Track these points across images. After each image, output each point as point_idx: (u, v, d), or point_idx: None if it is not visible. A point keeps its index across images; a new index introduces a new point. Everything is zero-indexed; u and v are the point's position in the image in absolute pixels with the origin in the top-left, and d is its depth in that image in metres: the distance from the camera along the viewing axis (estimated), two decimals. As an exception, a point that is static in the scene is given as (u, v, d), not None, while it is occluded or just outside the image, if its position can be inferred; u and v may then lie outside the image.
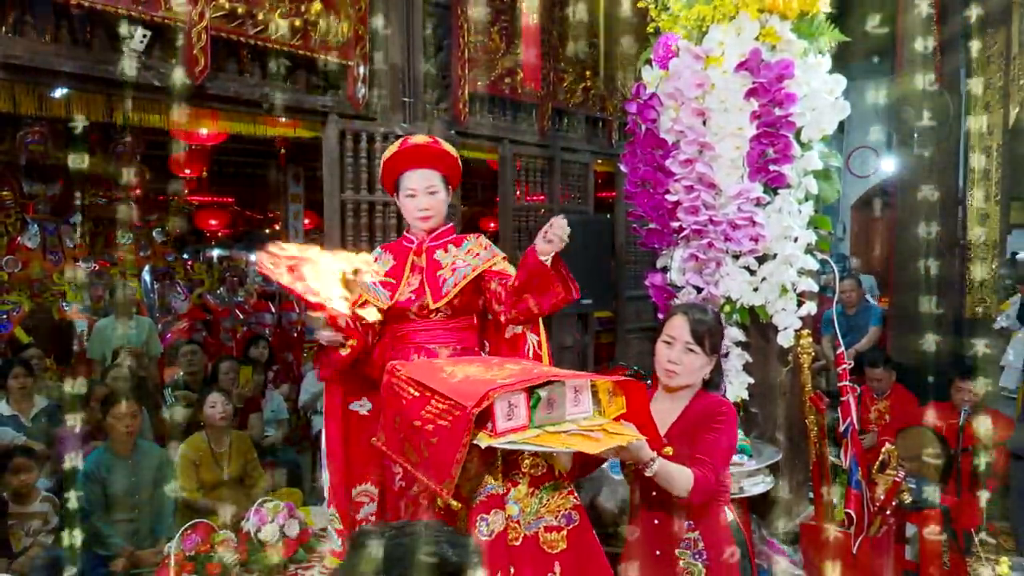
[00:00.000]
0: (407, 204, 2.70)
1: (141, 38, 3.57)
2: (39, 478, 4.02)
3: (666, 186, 3.59)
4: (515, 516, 1.92)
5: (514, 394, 1.82)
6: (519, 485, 1.94)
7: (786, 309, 3.49)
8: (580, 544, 1.98)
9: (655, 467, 2.07)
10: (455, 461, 1.75)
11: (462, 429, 1.75)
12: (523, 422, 1.83)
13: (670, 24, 3.67)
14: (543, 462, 1.97)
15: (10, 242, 7.66)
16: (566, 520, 1.97)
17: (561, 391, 1.91)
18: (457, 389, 1.83)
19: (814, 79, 3.46)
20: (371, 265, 2.43)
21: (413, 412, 1.90)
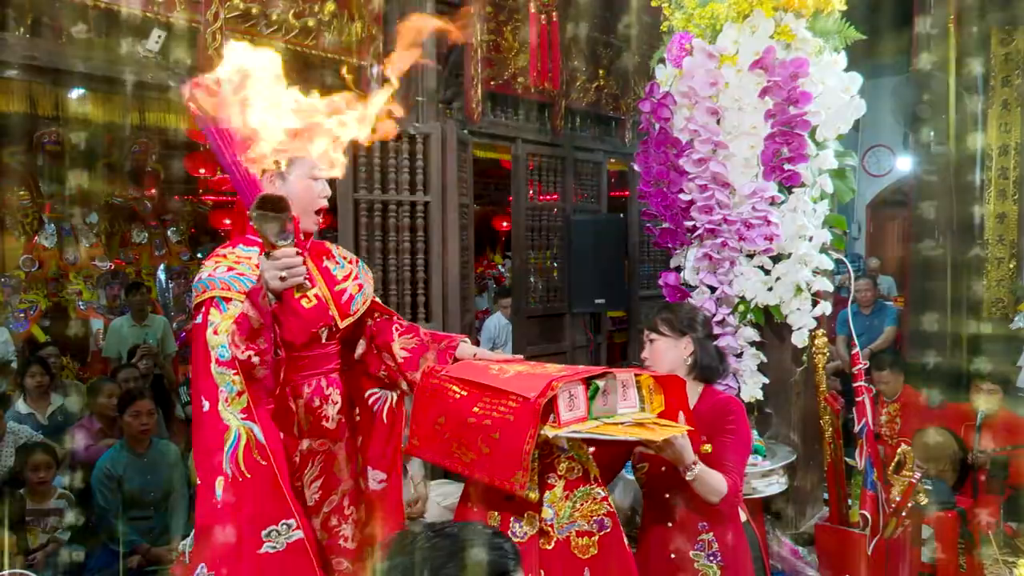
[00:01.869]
0: (309, 187, 2.12)
1: (156, 39, 3.60)
2: (56, 475, 4.06)
3: (680, 185, 3.57)
4: (549, 519, 1.92)
5: (574, 385, 1.85)
6: (554, 488, 1.94)
7: (800, 309, 3.47)
8: (611, 550, 1.98)
9: (696, 471, 2.07)
10: (525, 453, 1.75)
11: (528, 420, 1.76)
12: (583, 413, 1.86)
13: (684, 23, 3.65)
14: (579, 465, 1.97)
15: (28, 242, 7.73)
16: (598, 525, 1.96)
17: (613, 384, 1.94)
18: (515, 383, 1.84)
19: (829, 77, 3.44)
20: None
21: (464, 410, 1.91)
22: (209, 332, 1.92)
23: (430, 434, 2.02)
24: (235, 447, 1.87)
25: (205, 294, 1.96)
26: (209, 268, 2.01)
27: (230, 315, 1.91)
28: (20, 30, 3.33)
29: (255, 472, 1.86)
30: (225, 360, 1.88)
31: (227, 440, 1.87)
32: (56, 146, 7.22)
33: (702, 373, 2.39)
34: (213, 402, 1.89)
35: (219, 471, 1.88)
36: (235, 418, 1.88)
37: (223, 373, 1.89)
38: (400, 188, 4.59)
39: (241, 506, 1.87)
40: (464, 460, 1.93)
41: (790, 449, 3.48)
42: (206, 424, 1.90)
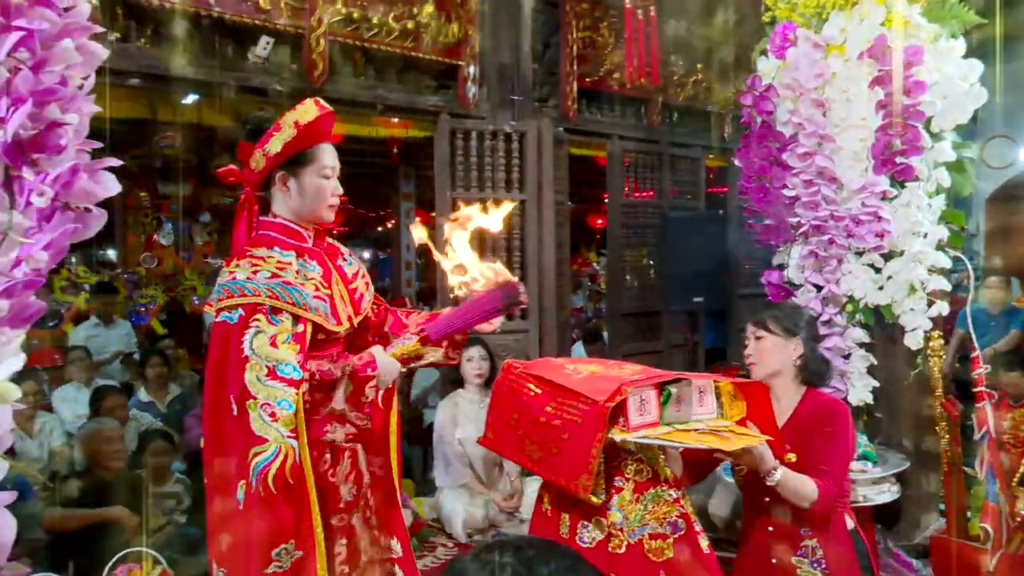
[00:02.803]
0: (320, 185, 2.05)
1: (265, 45, 3.75)
2: (173, 461, 4.28)
3: (783, 180, 3.46)
4: (618, 523, 1.90)
5: (645, 390, 1.83)
6: (623, 491, 1.91)
7: (915, 309, 3.31)
8: (687, 552, 1.94)
9: (778, 476, 2.02)
10: (591, 456, 1.75)
11: (596, 424, 1.75)
12: (654, 418, 1.84)
13: (787, 12, 3.54)
14: (648, 468, 1.94)
15: (147, 240, 8.20)
16: (672, 528, 1.92)
17: (688, 390, 1.91)
18: (586, 385, 1.83)
19: (946, 65, 3.26)
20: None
21: (537, 408, 1.91)
22: (260, 340, 1.87)
23: (505, 429, 2.03)
24: (270, 463, 1.81)
25: (245, 298, 1.90)
26: (246, 271, 1.94)
27: (285, 328, 1.90)
28: (140, 40, 3.53)
29: (282, 491, 1.83)
30: (286, 377, 1.86)
31: (261, 453, 1.82)
32: (172, 149, 7.62)
33: (809, 376, 2.32)
34: (244, 411, 1.85)
35: (243, 477, 1.85)
36: (279, 434, 1.83)
37: (278, 388, 1.85)
38: (496, 186, 4.62)
39: (260, 520, 1.86)
40: (533, 458, 1.94)
41: (902, 456, 3.32)
42: (237, 429, 1.86)
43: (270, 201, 2.09)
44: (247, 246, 2.02)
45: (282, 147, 1.98)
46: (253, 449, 1.82)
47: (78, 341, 5.53)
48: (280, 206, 2.08)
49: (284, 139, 1.98)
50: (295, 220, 2.07)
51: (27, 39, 0.95)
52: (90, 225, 1.12)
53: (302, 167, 2.03)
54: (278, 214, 2.08)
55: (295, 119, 1.99)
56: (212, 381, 1.95)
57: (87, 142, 1.16)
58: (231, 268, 1.97)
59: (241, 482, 1.86)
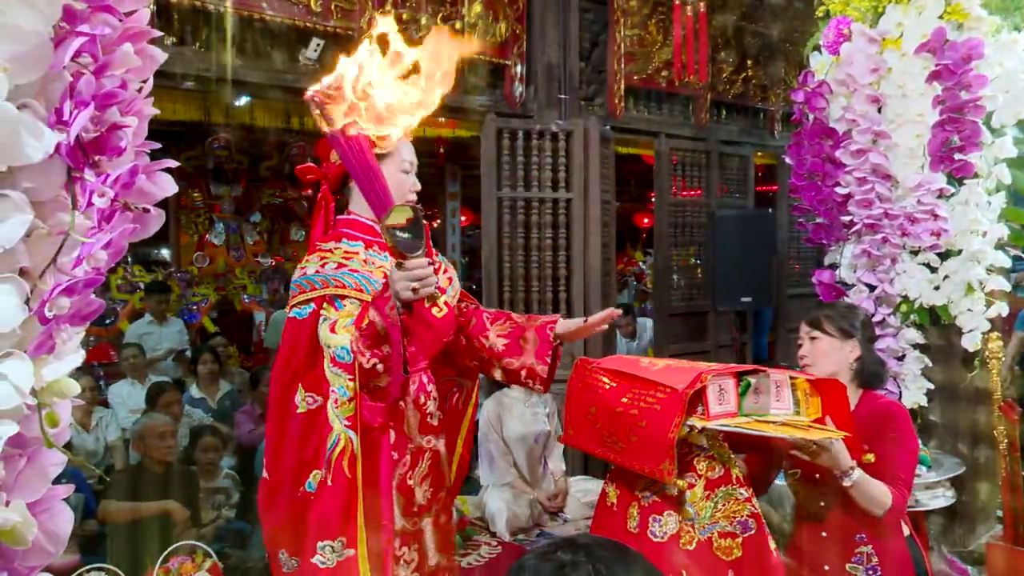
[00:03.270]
0: (399, 179, 2.01)
1: (315, 47, 3.81)
2: (223, 456, 4.37)
3: (836, 178, 3.40)
4: (689, 519, 1.89)
5: (724, 379, 1.83)
6: (694, 487, 1.90)
7: (972, 309, 3.21)
8: (756, 553, 1.91)
9: (855, 476, 1.98)
10: (670, 440, 1.74)
11: (674, 409, 1.74)
12: (733, 408, 1.83)
13: (842, 7, 3.46)
14: (719, 465, 1.92)
15: (199, 239, 8.39)
16: (742, 527, 1.90)
17: (766, 383, 1.89)
18: (664, 375, 1.83)
19: (1008, 58, 3.16)
20: None
21: (614, 400, 1.91)
22: (324, 329, 1.87)
23: (583, 424, 2.03)
24: (332, 450, 1.84)
25: (314, 292, 1.90)
26: (314, 265, 1.94)
27: (347, 313, 1.86)
28: (196, 44, 3.61)
29: (337, 482, 1.84)
30: (343, 362, 1.84)
31: (328, 441, 1.85)
32: (224, 151, 7.79)
33: (866, 379, 2.27)
34: (324, 398, 1.87)
35: (316, 466, 1.87)
36: (339, 422, 1.85)
37: (338, 375, 1.84)
38: (543, 185, 4.62)
39: (317, 511, 1.87)
40: (616, 449, 1.93)
41: (958, 461, 3.23)
42: (310, 419, 1.88)
43: (347, 200, 2.08)
44: (319, 242, 2.02)
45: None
46: (328, 438, 1.86)
47: (133, 338, 5.68)
48: (358, 203, 2.04)
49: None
50: (371, 216, 2.01)
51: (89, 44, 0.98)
52: (148, 225, 1.15)
53: (382, 160, 1.98)
54: (354, 211, 2.06)
55: None
56: (277, 376, 1.95)
57: (146, 144, 1.19)
58: (302, 265, 1.98)
59: (314, 472, 1.88)
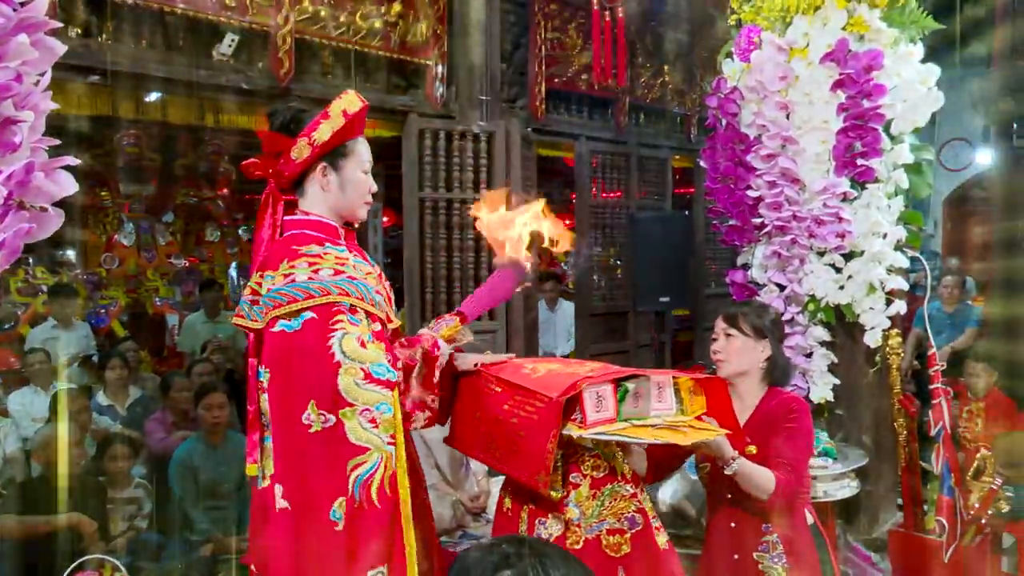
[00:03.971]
0: (359, 179, 1.95)
1: (230, 43, 3.71)
2: (134, 465, 4.21)
3: (747, 182, 3.51)
4: (575, 519, 1.91)
5: (602, 386, 1.82)
6: (580, 487, 1.92)
7: (874, 308, 3.37)
8: (644, 547, 1.95)
9: (735, 466, 2.05)
10: (547, 452, 1.74)
11: (551, 420, 1.74)
12: (611, 415, 1.83)
13: (752, 16, 3.58)
14: (604, 464, 1.95)
15: (108, 240, 8.05)
16: (629, 523, 1.94)
17: (646, 386, 1.91)
18: (542, 383, 1.83)
19: (905, 69, 3.33)
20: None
21: (495, 407, 1.91)
22: (349, 343, 1.74)
23: (469, 428, 2.02)
24: (372, 473, 1.70)
25: (312, 300, 1.76)
26: (304, 271, 1.79)
27: (366, 328, 1.78)
28: (102, 36, 3.47)
29: (384, 504, 1.71)
30: (381, 379, 1.74)
31: (363, 463, 1.70)
32: (135, 148, 7.50)
33: (775, 377, 2.35)
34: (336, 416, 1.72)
35: (341, 492, 1.71)
36: (380, 440, 1.71)
37: (375, 391, 1.72)
38: (464, 186, 4.62)
39: (359, 539, 1.71)
40: (497, 456, 1.93)
41: (862, 452, 3.38)
42: (329, 440, 1.72)
43: (295, 201, 1.96)
44: (294, 245, 1.85)
45: (331, 135, 1.87)
46: (351, 461, 1.70)
47: (36, 344, 5.40)
48: (314, 202, 1.93)
49: (334, 127, 1.87)
50: (331, 218, 1.93)
51: (-20, 34, 0.93)
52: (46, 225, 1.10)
53: (344, 159, 1.91)
54: (310, 211, 1.93)
55: (343, 108, 1.88)
56: (280, 395, 1.79)
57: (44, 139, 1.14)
58: (284, 271, 1.80)
59: (339, 499, 1.71)
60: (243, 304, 1.88)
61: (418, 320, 4.53)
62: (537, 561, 1.10)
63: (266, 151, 1.93)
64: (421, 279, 4.56)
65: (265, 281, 1.83)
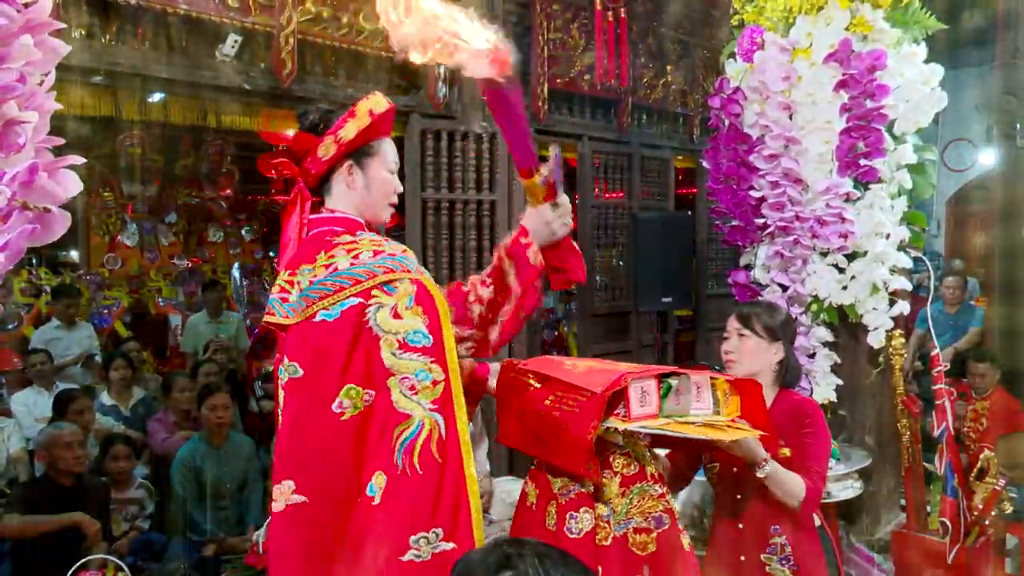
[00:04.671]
0: (385, 179, 1.96)
1: (232, 43, 3.71)
2: (136, 466, 4.22)
3: (750, 182, 3.51)
4: (605, 516, 1.91)
5: (646, 380, 1.83)
6: (610, 485, 1.93)
7: (877, 308, 3.37)
8: (670, 547, 1.96)
9: (768, 468, 2.04)
10: (587, 443, 1.75)
11: (592, 412, 1.75)
12: (654, 410, 1.84)
13: (755, 16, 3.58)
14: (635, 462, 1.96)
15: (111, 240, 8.06)
16: (656, 522, 1.94)
17: (687, 384, 1.91)
18: (584, 378, 1.84)
19: (908, 69, 3.33)
20: None
21: (537, 402, 1.91)
22: (382, 316, 1.74)
23: (514, 425, 2.03)
24: (414, 439, 1.72)
25: (357, 286, 1.76)
26: (346, 259, 1.79)
27: (404, 293, 1.77)
28: (105, 37, 3.47)
29: (427, 469, 1.72)
30: (418, 346, 1.74)
31: (404, 431, 1.72)
32: (137, 148, 7.51)
33: (786, 379, 2.34)
34: (384, 390, 1.73)
35: (381, 466, 1.72)
36: (421, 407, 1.73)
37: (412, 359, 1.74)
38: (467, 187, 4.62)
39: (401, 505, 1.71)
40: (546, 450, 1.94)
41: (865, 453, 3.38)
42: (363, 420, 1.73)
43: (322, 201, 1.94)
44: (327, 237, 1.85)
45: (356, 134, 1.87)
46: (397, 428, 1.72)
47: (39, 344, 5.41)
48: (340, 202, 1.93)
49: (359, 126, 1.87)
50: (354, 216, 1.93)
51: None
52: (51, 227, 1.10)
53: (370, 158, 1.92)
54: (336, 209, 1.93)
55: (369, 108, 1.89)
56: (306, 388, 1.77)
57: (48, 140, 1.14)
58: (324, 262, 1.80)
59: (376, 473, 1.72)
60: (273, 302, 1.85)
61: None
62: (538, 561, 1.10)
63: (295, 150, 1.93)
64: (423, 279, 4.56)
65: (301, 276, 1.81)
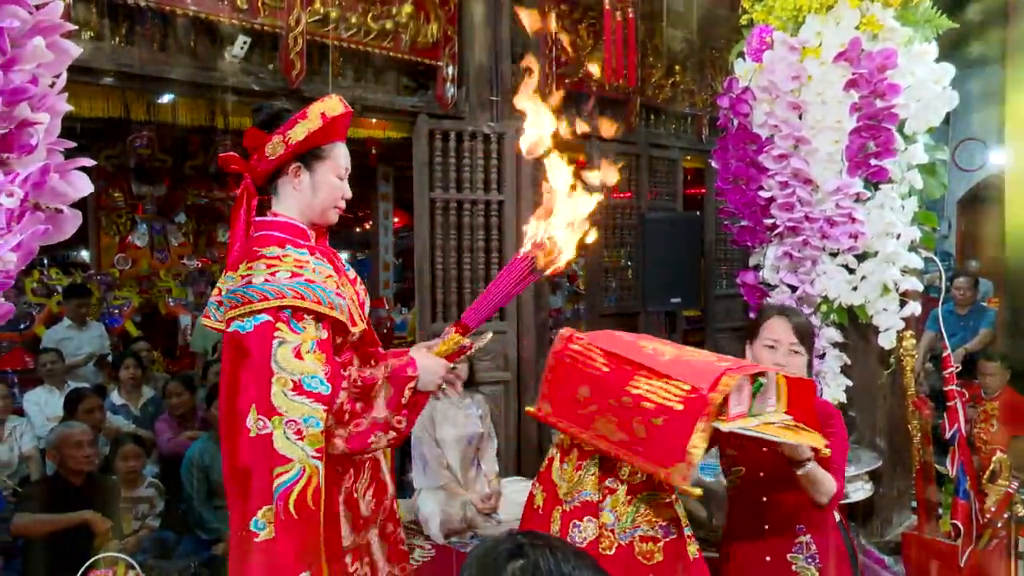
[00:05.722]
0: (332, 183, 1.95)
1: (241, 44, 3.72)
2: (146, 465, 4.23)
3: (759, 182, 3.49)
4: (610, 524, 1.88)
5: (744, 378, 1.78)
6: (616, 492, 1.90)
7: (888, 309, 3.35)
8: (677, 557, 1.93)
9: (809, 467, 2.03)
10: (691, 446, 1.68)
11: (698, 412, 1.69)
12: (744, 409, 1.80)
13: (764, 15, 3.57)
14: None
15: (121, 241, 8.10)
16: (663, 531, 1.91)
17: (767, 382, 1.87)
18: (679, 370, 1.76)
19: (919, 68, 3.30)
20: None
21: (616, 387, 1.82)
22: (284, 352, 1.74)
23: (568, 403, 1.94)
24: (292, 484, 1.71)
25: (266, 302, 1.76)
26: (261, 274, 1.79)
27: (310, 336, 1.77)
28: (115, 39, 3.49)
29: (302, 515, 1.72)
30: (313, 392, 1.73)
31: (284, 473, 1.71)
32: (147, 149, 7.54)
33: None
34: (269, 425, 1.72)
35: (266, 501, 1.73)
36: (304, 453, 1.72)
37: (304, 404, 1.73)
38: (475, 187, 4.62)
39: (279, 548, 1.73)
40: (610, 437, 1.84)
41: (875, 454, 3.36)
42: (257, 446, 1.73)
43: (270, 200, 1.96)
44: (255, 247, 1.86)
45: (305, 136, 1.87)
46: (275, 469, 1.71)
47: (50, 344, 5.45)
48: (286, 203, 1.94)
49: (309, 128, 1.87)
50: (300, 219, 1.94)
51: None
52: (63, 226, 1.10)
53: (319, 161, 1.92)
54: (280, 212, 1.94)
55: (322, 110, 1.89)
56: (226, 397, 1.81)
57: (59, 141, 1.14)
58: (243, 272, 1.82)
59: (263, 507, 1.72)
60: (211, 305, 1.90)
61: (428, 320, 4.53)
62: (550, 552, 1.10)
63: (245, 145, 1.93)
64: (432, 279, 4.56)
65: (226, 282, 1.86)
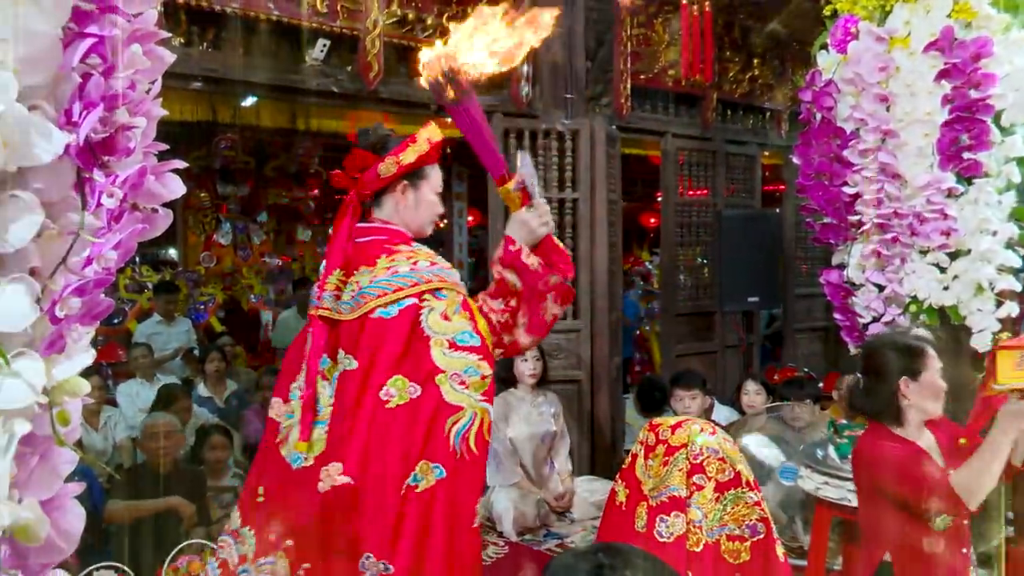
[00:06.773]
0: (432, 200, 2.24)
1: (321, 48, 3.81)
2: (231, 455, 4.38)
3: (844, 178, 3.38)
4: (697, 520, 1.88)
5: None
6: (703, 489, 1.89)
7: (982, 309, 3.19)
8: (764, 557, 1.90)
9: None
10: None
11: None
12: None
13: (849, 5, 3.45)
14: (729, 467, 1.91)
15: (206, 239, 8.41)
16: (751, 531, 1.89)
17: None
18: None
19: (1018, 56, 3.14)
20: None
21: None
22: (434, 318, 1.99)
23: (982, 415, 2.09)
24: (468, 427, 1.94)
25: (414, 288, 2.01)
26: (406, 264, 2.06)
27: (451, 301, 2.02)
28: (202, 45, 3.62)
29: (480, 449, 1.96)
30: (467, 345, 1.98)
31: (458, 421, 1.94)
32: (231, 151, 7.81)
33: None
34: (432, 386, 1.94)
35: (431, 456, 1.92)
36: (472, 399, 1.95)
37: (462, 357, 1.98)
38: (549, 185, 4.62)
39: (463, 482, 1.95)
40: None
41: (968, 462, 3.21)
42: (412, 410, 1.94)
43: (373, 209, 2.20)
44: (386, 244, 2.11)
45: (415, 159, 2.13)
46: (450, 419, 1.93)
47: (141, 338, 5.69)
48: (389, 213, 2.18)
49: (419, 152, 2.14)
50: (403, 228, 2.19)
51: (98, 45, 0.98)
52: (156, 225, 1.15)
53: (423, 181, 2.19)
54: (383, 219, 2.18)
55: (427, 136, 2.18)
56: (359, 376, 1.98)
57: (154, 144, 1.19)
58: (385, 265, 2.05)
59: (421, 463, 1.92)
60: (326, 298, 2.07)
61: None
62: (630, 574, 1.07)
63: (353, 166, 2.17)
64: (506, 278, 4.58)
65: (360, 277, 2.05)
